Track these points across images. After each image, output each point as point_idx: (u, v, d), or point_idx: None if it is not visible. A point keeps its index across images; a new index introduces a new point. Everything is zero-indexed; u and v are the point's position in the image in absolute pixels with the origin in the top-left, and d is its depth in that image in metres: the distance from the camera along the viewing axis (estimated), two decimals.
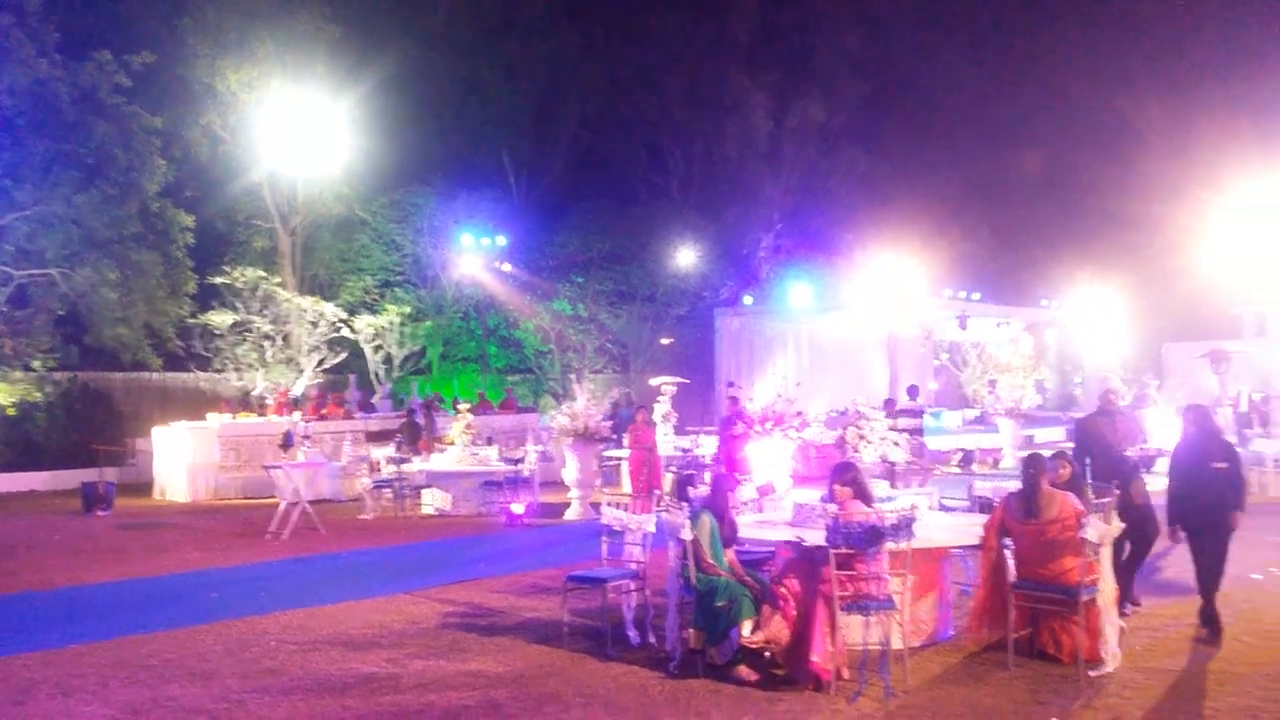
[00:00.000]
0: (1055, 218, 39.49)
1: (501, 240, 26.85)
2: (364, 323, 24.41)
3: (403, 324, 25.32)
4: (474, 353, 30.01)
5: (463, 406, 18.02)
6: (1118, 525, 6.85)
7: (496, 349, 30.78)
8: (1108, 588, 6.71)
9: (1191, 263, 24.09)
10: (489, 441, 18.11)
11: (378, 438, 18.76)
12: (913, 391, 18.90)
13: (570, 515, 14.95)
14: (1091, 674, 6.45)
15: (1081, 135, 40.19)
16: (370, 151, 25.30)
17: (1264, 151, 25.35)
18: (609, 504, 7.99)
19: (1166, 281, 32.19)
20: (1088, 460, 8.16)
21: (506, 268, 27.75)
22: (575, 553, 11.07)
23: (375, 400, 23.36)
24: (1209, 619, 7.22)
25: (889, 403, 17.43)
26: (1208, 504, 7.26)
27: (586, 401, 14.63)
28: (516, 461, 15.53)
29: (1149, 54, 37.36)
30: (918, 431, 17.23)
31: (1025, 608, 6.92)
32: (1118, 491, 7.49)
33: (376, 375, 25.03)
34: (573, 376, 20.77)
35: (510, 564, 11.17)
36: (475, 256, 26.37)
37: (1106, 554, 6.74)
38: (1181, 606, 7.73)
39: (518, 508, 14.37)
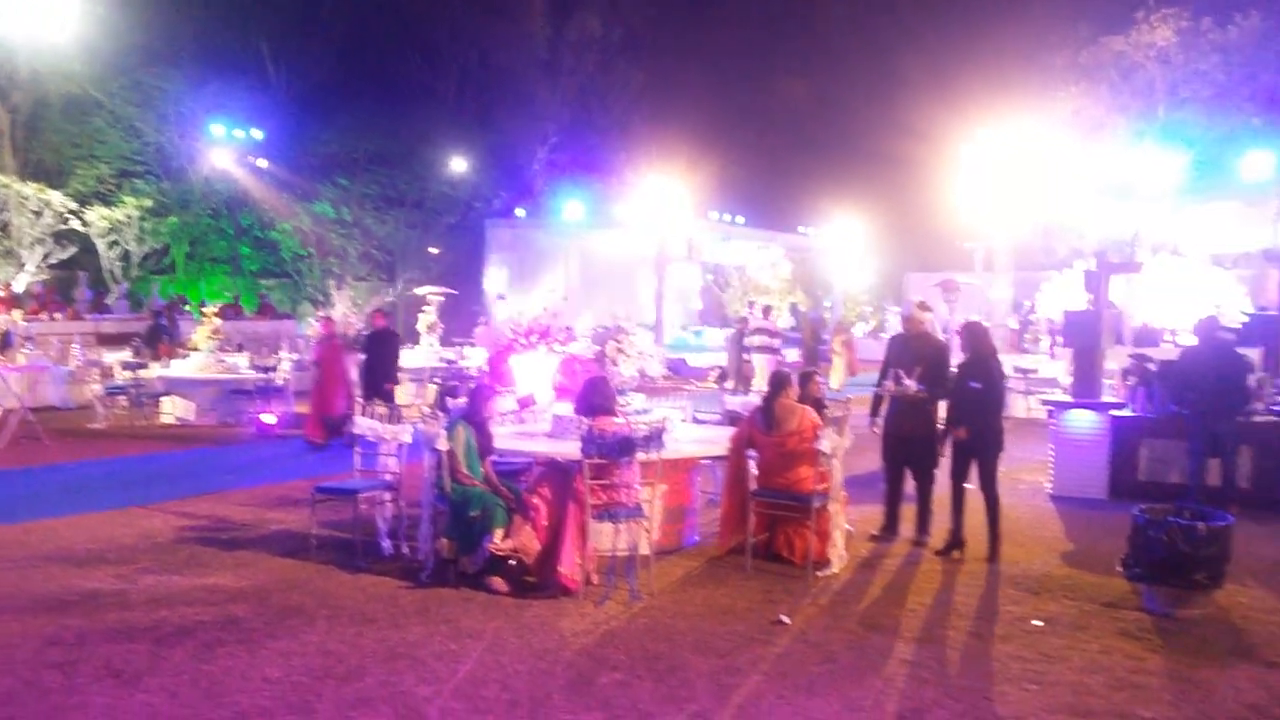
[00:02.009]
0: (818, 149, 41.31)
1: (258, 134, 25.13)
2: (97, 215, 22.31)
3: (143, 219, 23.33)
4: (225, 253, 28.15)
5: (209, 310, 16.93)
6: (850, 437, 7.34)
7: (250, 250, 28.99)
8: (837, 495, 7.22)
9: (935, 200, 25.87)
10: (239, 348, 17.20)
11: (112, 341, 17.38)
12: (766, 311, 19.65)
13: None
14: (819, 574, 6.97)
15: (847, 72, 42.00)
16: (108, 24, 22.83)
17: (1008, 101, 27.42)
18: (363, 414, 7.78)
19: (913, 216, 34.52)
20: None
21: (263, 164, 26.02)
22: (330, 464, 10.74)
23: (110, 300, 21.58)
24: (993, 535, 7.57)
25: (743, 321, 18.04)
26: (960, 419, 7.63)
27: (345, 308, 14.08)
28: (268, 370, 14.82)
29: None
30: (772, 350, 17.96)
31: (764, 514, 7.36)
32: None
33: (111, 274, 23.04)
34: (333, 283, 19.87)
35: (258, 476, 10.72)
36: (228, 150, 24.55)
37: (838, 464, 7.24)
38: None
39: (268, 418, 13.75)
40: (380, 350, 12.82)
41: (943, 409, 7.91)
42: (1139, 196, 17.60)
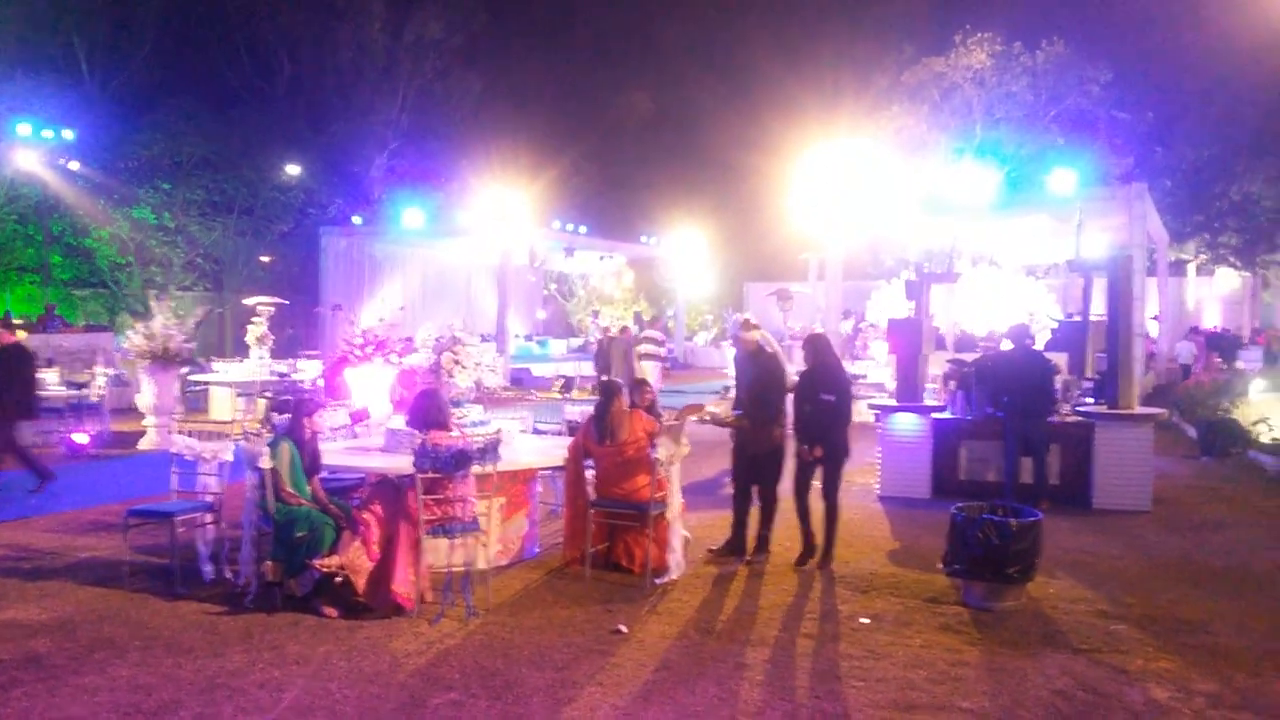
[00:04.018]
0: (659, 159, 41.95)
1: (69, 134, 23.51)
2: None
3: None
4: (33, 262, 26.19)
5: (15, 322, 15.75)
6: (686, 446, 7.41)
7: (61, 259, 27.10)
8: (675, 502, 7.28)
9: (773, 211, 26.61)
10: (49, 363, 16.06)
11: None
12: (653, 319, 19.70)
13: (145, 445, 13.66)
14: (657, 581, 7.00)
15: (687, 83, 42.85)
16: None
17: (841, 117, 28.51)
18: (179, 432, 7.37)
19: (752, 227, 35.44)
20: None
21: (75, 166, 24.38)
22: (149, 485, 10.16)
23: None
24: (828, 541, 7.69)
25: (625, 330, 18.00)
26: (813, 434, 7.67)
27: (165, 320, 13.34)
28: (81, 386, 13.90)
29: (759, 12, 40.47)
30: (657, 357, 17.95)
31: (604, 524, 7.35)
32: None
33: None
34: (154, 293, 18.79)
35: (67, 500, 10.01)
36: (34, 150, 22.87)
37: (675, 471, 7.30)
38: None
39: (80, 437, 12.88)
40: (6, 373, 10.57)
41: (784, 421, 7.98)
42: (958, 210, 18.54)
